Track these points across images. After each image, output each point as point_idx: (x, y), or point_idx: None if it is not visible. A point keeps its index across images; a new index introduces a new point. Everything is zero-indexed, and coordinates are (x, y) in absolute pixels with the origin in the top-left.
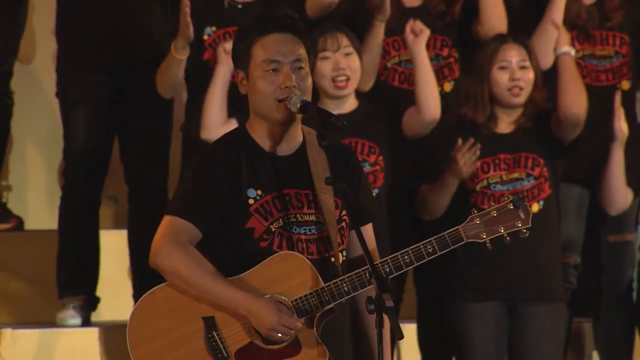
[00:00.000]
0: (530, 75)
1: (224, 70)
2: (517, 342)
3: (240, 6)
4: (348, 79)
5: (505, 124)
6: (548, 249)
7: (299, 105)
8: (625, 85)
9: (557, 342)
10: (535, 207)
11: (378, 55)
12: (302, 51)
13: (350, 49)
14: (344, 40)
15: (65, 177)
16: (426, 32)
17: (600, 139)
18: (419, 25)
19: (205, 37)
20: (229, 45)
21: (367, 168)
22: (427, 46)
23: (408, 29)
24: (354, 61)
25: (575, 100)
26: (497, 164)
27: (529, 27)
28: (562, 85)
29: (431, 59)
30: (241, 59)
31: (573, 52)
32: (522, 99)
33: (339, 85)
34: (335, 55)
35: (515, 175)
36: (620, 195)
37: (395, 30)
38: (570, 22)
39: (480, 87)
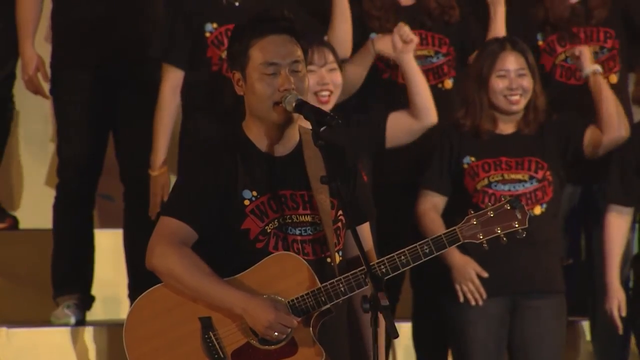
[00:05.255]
0: (528, 82)
1: None
2: (519, 337)
3: (237, 4)
4: (330, 94)
5: (505, 126)
6: (549, 249)
7: (294, 104)
8: (613, 79)
9: (559, 335)
10: (537, 210)
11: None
12: (300, 52)
13: (335, 65)
14: (330, 56)
15: (59, 176)
16: (415, 41)
17: (584, 124)
18: (408, 32)
19: (207, 34)
20: None
21: None
22: (426, 43)
23: (396, 36)
24: (338, 77)
25: (621, 124)
26: (498, 165)
27: None
28: (603, 109)
29: (430, 57)
30: (238, 61)
31: (600, 68)
32: (520, 106)
33: (322, 100)
34: (321, 70)
35: (518, 176)
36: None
37: (393, 29)
38: (554, 23)
39: (479, 94)
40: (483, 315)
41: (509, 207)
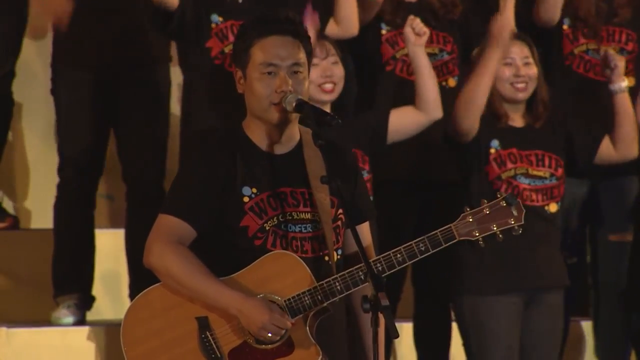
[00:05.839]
0: (534, 70)
1: None
2: (530, 330)
3: (240, 0)
4: (334, 86)
5: (515, 115)
6: (558, 245)
7: (294, 104)
8: (630, 81)
9: (560, 332)
10: (553, 207)
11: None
12: (302, 55)
13: (337, 58)
14: (332, 49)
15: (60, 175)
16: (427, 34)
17: (601, 134)
18: (420, 25)
19: (213, 25)
20: None
21: (365, 176)
22: (431, 41)
23: (408, 28)
24: (340, 69)
25: (636, 145)
26: (524, 157)
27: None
28: (623, 128)
29: (435, 54)
30: (240, 59)
31: (627, 84)
32: (526, 94)
33: (326, 89)
34: (323, 63)
35: (540, 173)
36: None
37: (402, 24)
38: (582, 18)
39: None
40: (504, 311)
41: (504, 204)
